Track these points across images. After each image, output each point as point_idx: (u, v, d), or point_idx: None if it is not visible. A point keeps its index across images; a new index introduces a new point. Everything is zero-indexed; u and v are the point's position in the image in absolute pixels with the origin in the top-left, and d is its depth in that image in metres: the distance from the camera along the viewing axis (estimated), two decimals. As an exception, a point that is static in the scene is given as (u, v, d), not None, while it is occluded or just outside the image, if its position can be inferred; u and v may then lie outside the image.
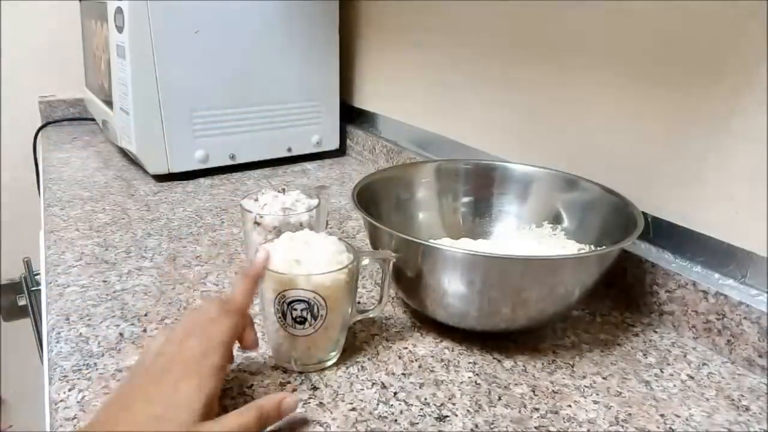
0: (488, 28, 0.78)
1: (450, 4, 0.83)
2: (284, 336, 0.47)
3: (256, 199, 0.60)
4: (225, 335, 0.41)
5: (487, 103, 0.80)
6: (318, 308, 0.46)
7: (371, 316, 0.53)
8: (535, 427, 0.43)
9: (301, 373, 0.48)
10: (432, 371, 0.49)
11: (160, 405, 0.36)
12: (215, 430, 0.36)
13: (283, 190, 0.61)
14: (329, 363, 0.49)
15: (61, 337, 0.52)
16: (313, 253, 0.47)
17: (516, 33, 0.73)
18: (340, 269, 0.46)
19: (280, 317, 0.46)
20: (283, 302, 0.46)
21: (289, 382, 0.47)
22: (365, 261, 0.50)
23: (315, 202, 0.60)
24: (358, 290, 0.61)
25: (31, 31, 1.26)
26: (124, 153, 1.04)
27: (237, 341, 0.44)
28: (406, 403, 0.45)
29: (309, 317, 0.46)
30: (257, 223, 0.56)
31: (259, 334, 0.53)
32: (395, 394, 0.46)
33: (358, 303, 0.59)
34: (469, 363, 0.50)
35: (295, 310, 0.46)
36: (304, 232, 0.50)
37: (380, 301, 0.52)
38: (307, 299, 0.45)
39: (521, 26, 0.72)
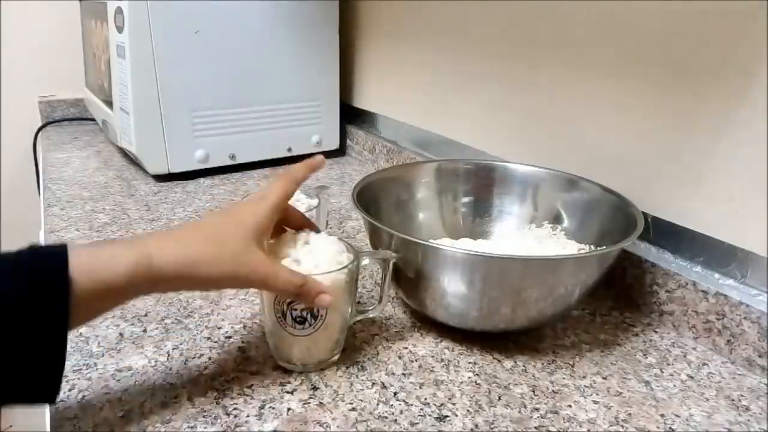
0: (488, 28, 0.78)
1: (450, 5, 0.83)
2: (284, 336, 0.47)
3: None
4: (273, 195, 0.45)
5: (487, 103, 0.80)
6: (318, 308, 0.46)
7: (371, 316, 0.53)
8: (535, 427, 0.43)
9: (301, 372, 0.48)
10: (432, 371, 0.49)
11: (217, 224, 0.43)
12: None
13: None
14: (330, 362, 0.49)
15: (61, 337, 0.52)
16: (313, 253, 0.47)
17: (516, 33, 0.73)
18: (339, 269, 0.46)
19: (280, 317, 0.46)
20: (282, 302, 0.45)
21: (289, 382, 0.47)
22: (365, 261, 0.50)
23: (315, 202, 0.60)
24: (359, 290, 0.62)
25: (31, 31, 1.27)
26: (124, 153, 1.04)
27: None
28: (406, 403, 0.45)
29: (309, 317, 0.46)
30: None
31: (258, 334, 0.53)
32: (395, 394, 0.46)
33: (358, 303, 0.59)
34: (469, 363, 0.50)
35: (295, 310, 0.46)
36: (305, 232, 0.50)
37: (380, 301, 0.52)
38: None
39: (521, 26, 0.72)
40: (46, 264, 0.35)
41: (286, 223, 0.50)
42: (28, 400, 0.36)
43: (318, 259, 0.47)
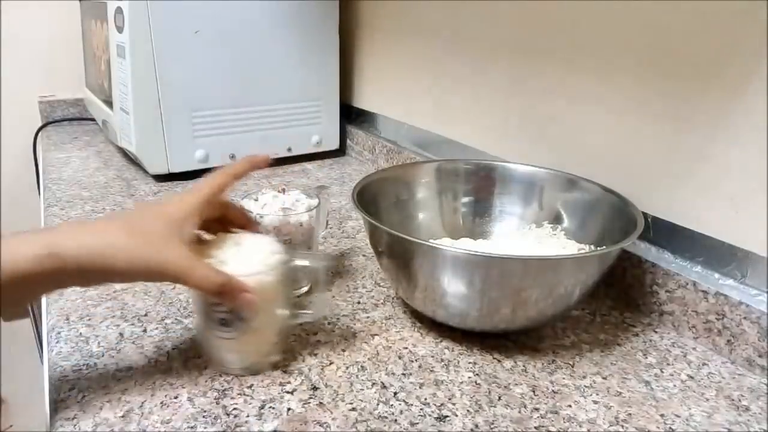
0: (488, 28, 0.78)
1: (450, 5, 0.83)
2: (213, 339, 0.46)
3: (256, 199, 0.60)
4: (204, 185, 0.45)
5: (487, 103, 0.80)
6: (242, 310, 0.44)
7: (309, 320, 0.52)
8: (535, 427, 0.43)
9: (239, 376, 0.47)
10: (432, 371, 0.49)
11: (140, 214, 0.43)
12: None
13: (283, 190, 0.61)
14: (266, 365, 0.48)
15: (61, 337, 0.52)
16: (241, 255, 0.45)
17: (516, 33, 0.73)
18: (266, 271, 0.44)
19: (205, 319, 0.45)
20: (207, 304, 0.44)
21: (289, 382, 0.47)
22: (296, 263, 0.49)
23: (315, 202, 0.60)
24: (358, 290, 0.62)
25: (31, 31, 1.26)
26: (124, 153, 1.04)
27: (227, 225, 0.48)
28: (406, 403, 0.45)
29: (234, 320, 0.44)
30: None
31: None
32: (395, 394, 0.46)
33: (359, 303, 0.59)
34: (469, 363, 0.50)
35: (218, 312, 0.44)
36: (239, 234, 0.48)
37: (317, 305, 0.51)
38: None
39: (521, 26, 0.72)
40: None
41: (228, 221, 0.49)
42: None
43: (245, 260, 0.45)
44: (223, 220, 0.49)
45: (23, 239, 0.37)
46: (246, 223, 0.50)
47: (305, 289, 0.61)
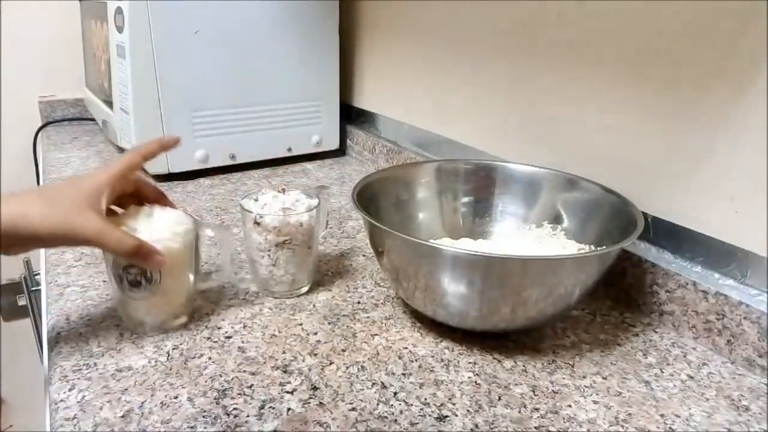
0: (488, 28, 0.78)
1: (450, 5, 0.83)
2: (126, 300, 0.51)
3: (256, 199, 0.60)
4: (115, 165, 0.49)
5: (486, 103, 0.80)
6: (151, 272, 0.49)
7: (213, 285, 0.60)
8: (535, 427, 0.43)
9: (148, 335, 0.52)
10: (432, 371, 0.49)
11: (64, 183, 0.47)
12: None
13: (283, 190, 0.61)
14: (175, 326, 0.54)
15: (61, 337, 0.52)
16: (151, 224, 0.51)
17: (516, 33, 0.73)
18: (172, 238, 0.50)
19: (118, 282, 0.50)
20: (118, 267, 0.49)
21: (289, 382, 0.47)
22: (202, 232, 0.55)
23: (315, 202, 0.60)
24: (358, 290, 0.62)
25: (31, 31, 1.26)
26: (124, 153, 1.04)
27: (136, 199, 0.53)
28: (406, 403, 0.45)
29: (143, 281, 0.49)
30: (257, 223, 0.56)
31: (259, 334, 0.53)
32: (395, 394, 0.46)
33: (358, 303, 0.59)
34: (469, 363, 0.50)
35: (130, 274, 0.49)
36: (151, 207, 0.53)
37: (221, 272, 0.58)
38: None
39: (521, 26, 0.72)
40: None
41: (141, 196, 0.54)
42: None
43: (154, 228, 0.50)
44: (138, 195, 0.54)
45: None
46: (158, 197, 0.55)
47: (305, 289, 0.61)
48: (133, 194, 0.53)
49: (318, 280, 0.64)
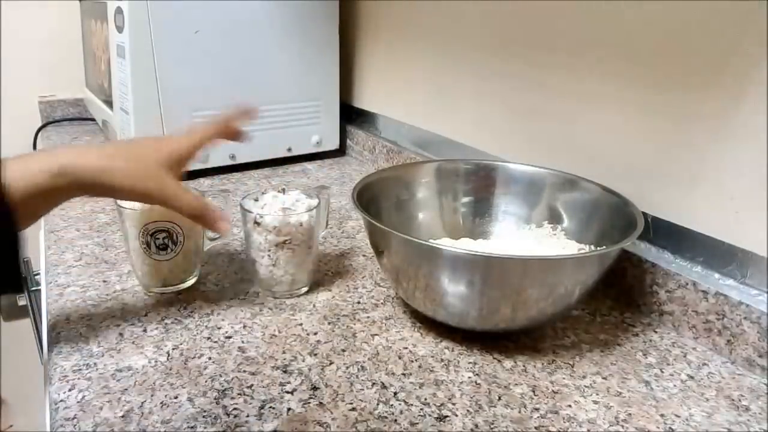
0: (488, 28, 0.78)
1: (450, 5, 0.83)
2: (150, 264, 0.57)
3: (257, 199, 0.60)
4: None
5: (487, 103, 0.80)
6: (177, 235, 0.56)
7: (219, 243, 0.68)
8: (535, 427, 0.43)
9: (162, 294, 0.59)
10: (432, 371, 0.49)
11: (147, 141, 0.51)
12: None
13: (283, 190, 0.61)
14: (189, 284, 0.61)
15: (61, 337, 0.52)
16: None
17: (516, 33, 0.73)
18: None
19: (145, 248, 0.56)
20: (146, 233, 0.55)
21: (289, 382, 0.47)
22: (209, 198, 0.61)
23: (315, 202, 0.60)
24: (358, 290, 0.62)
25: (31, 31, 1.26)
26: (124, 153, 1.04)
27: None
28: (406, 403, 0.45)
29: (170, 244, 0.56)
30: (257, 223, 0.56)
31: (259, 334, 0.53)
32: (395, 394, 0.46)
33: (358, 303, 0.59)
34: (469, 363, 0.50)
35: (158, 239, 0.56)
36: None
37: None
38: (166, 228, 0.56)
39: (522, 26, 0.72)
40: None
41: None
42: None
43: None
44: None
45: (36, 158, 0.45)
46: None
47: (305, 289, 0.61)
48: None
49: (318, 280, 0.64)
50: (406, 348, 0.52)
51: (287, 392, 0.46)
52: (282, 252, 0.57)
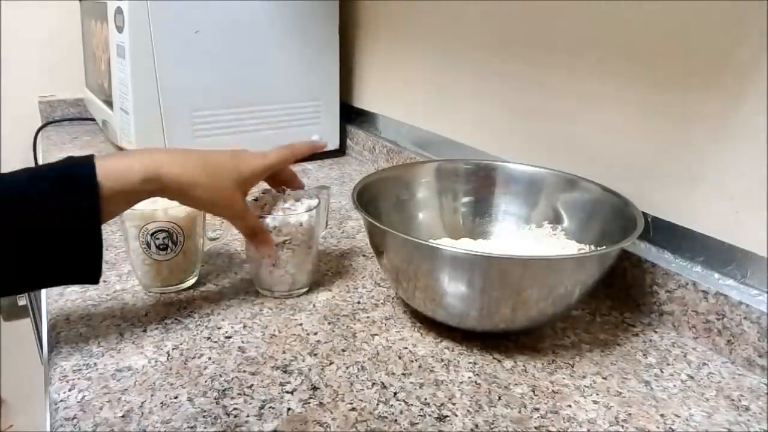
0: (488, 28, 0.78)
1: (450, 5, 0.83)
2: (150, 264, 0.58)
3: (256, 199, 0.60)
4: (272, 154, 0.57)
5: (487, 103, 0.80)
6: (177, 235, 0.57)
7: (219, 243, 0.68)
8: (535, 427, 0.43)
9: (162, 294, 0.59)
10: (432, 371, 0.49)
11: (225, 157, 0.54)
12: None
13: (284, 190, 0.61)
14: (189, 284, 0.61)
15: (61, 337, 0.52)
16: None
17: (516, 33, 0.73)
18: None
19: (145, 248, 0.57)
20: (146, 234, 0.56)
21: (289, 382, 0.47)
22: None
23: (315, 202, 0.60)
24: (358, 290, 0.62)
25: (31, 31, 1.26)
26: (124, 153, 1.04)
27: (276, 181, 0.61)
28: (406, 403, 0.45)
29: (170, 243, 0.57)
30: None
31: (259, 334, 0.53)
32: (395, 394, 0.46)
33: (358, 303, 0.59)
34: (469, 363, 0.50)
35: (158, 239, 0.56)
36: None
37: (221, 235, 0.68)
38: (167, 229, 0.56)
39: (522, 26, 0.72)
40: (79, 170, 0.45)
41: (276, 179, 0.61)
42: (76, 281, 0.47)
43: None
44: (273, 177, 0.61)
45: (126, 160, 0.47)
46: (292, 179, 0.62)
47: (305, 289, 0.61)
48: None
49: (318, 280, 0.64)
50: (406, 348, 0.52)
51: (287, 392, 0.46)
52: (282, 252, 0.57)
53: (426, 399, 0.45)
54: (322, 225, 0.65)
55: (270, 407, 0.44)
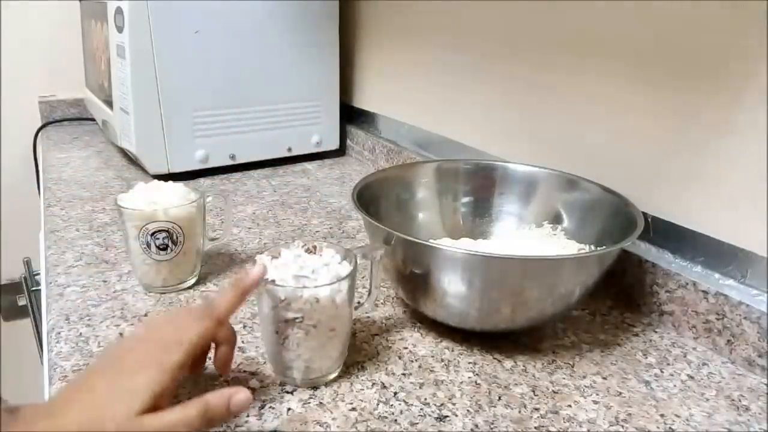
0: (488, 28, 0.78)
1: (450, 5, 0.83)
2: (150, 264, 0.58)
3: (276, 256, 0.46)
4: (195, 336, 0.40)
5: (487, 103, 0.80)
6: (177, 236, 0.57)
7: (221, 242, 0.67)
8: (535, 427, 0.43)
9: (162, 294, 0.59)
10: (432, 371, 0.49)
11: (104, 394, 0.36)
12: (153, 424, 0.35)
13: (314, 247, 0.47)
14: (189, 284, 0.61)
15: (61, 337, 0.52)
16: (165, 195, 0.58)
17: (516, 33, 0.73)
18: (191, 203, 0.58)
19: (145, 248, 0.57)
20: (146, 234, 0.56)
21: (288, 383, 0.47)
22: (209, 198, 0.63)
23: (346, 270, 0.45)
24: (358, 290, 0.62)
25: (31, 31, 1.26)
26: (124, 153, 1.04)
27: (214, 348, 0.45)
28: (406, 403, 0.45)
29: (170, 244, 0.57)
30: (267, 288, 0.43)
31: (258, 334, 0.53)
32: (395, 394, 0.46)
33: (356, 305, 0.59)
34: (469, 363, 0.50)
35: (158, 239, 0.56)
36: (156, 183, 0.60)
37: (222, 235, 0.67)
38: (167, 229, 0.56)
39: (521, 26, 0.72)
40: None
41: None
42: None
43: (170, 199, 0.58)
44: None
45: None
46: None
47: (329, 377, 0.48)
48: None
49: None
50: (406, 348, 0.52)
51: (287, 392, 0.46)
52: (292, 331, 0.44)
53: (426, 399, 0.45)
54: (367, 299, 0.52)
55: (270, 407, 0.44)
